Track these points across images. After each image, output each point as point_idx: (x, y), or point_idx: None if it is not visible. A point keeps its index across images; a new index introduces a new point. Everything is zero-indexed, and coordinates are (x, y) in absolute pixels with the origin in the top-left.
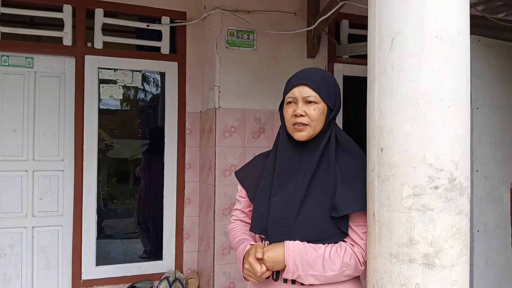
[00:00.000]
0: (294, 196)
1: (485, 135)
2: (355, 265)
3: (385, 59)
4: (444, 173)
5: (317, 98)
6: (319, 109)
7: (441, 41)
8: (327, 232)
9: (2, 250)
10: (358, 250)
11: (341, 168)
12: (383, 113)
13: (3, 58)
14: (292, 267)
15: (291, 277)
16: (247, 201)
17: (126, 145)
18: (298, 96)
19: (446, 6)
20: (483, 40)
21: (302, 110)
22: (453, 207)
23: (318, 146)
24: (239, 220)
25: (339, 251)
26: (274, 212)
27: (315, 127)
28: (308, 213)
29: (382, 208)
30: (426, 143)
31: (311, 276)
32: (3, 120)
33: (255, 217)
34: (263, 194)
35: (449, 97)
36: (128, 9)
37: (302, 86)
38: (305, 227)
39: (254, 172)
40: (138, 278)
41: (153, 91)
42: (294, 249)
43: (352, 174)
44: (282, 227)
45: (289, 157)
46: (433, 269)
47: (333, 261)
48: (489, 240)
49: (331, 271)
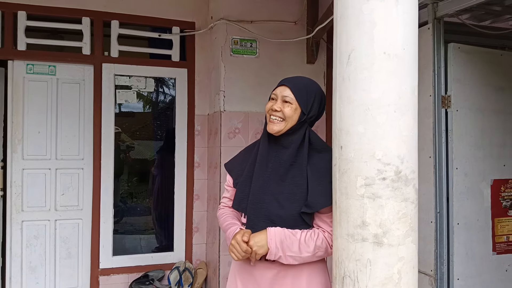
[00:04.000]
0: (270, 186)
1: (466, 135)
2: (325, 248)
3: (344, 71)
4: (390, 166)
5: (293, 100)
6: (292, 109)
7: (389, 56)
8: (294, 223)
9: (28, 240)
10: (328, 236)
11: (313, 167)
12: (342, 117)
13: (28, 67)
14: (274, 250)
15: (273, 258)
16: (234, 190)
17: (146, 146)
18: (279, 95)
19: (393, 27)
20: (463, 48)
21: (278, 106)
22: (398, 195)
23: (291, 143)
24: (227, 206)
25: (313, 236)
26: (253, 195)
27: (287, 124)
28: (280, 205)
29: (342, 196)
30: (376, 141)
31: (290, 257)
32: (29, 123)
33: (238, 197)
34: (246, 178)
35: (395, 103)
36: (142, 20)
37: (284, 87)
38: (276, 217)
39: (239, 163)
40: (151, 267)
41: (167, 96)
42: (275, 234)
43: (322, 173)
44: (257, 210)
45: (265, 146)
46: (381, 247)
47: (307, 244)
48: (469, 233)
49: (306, 252)
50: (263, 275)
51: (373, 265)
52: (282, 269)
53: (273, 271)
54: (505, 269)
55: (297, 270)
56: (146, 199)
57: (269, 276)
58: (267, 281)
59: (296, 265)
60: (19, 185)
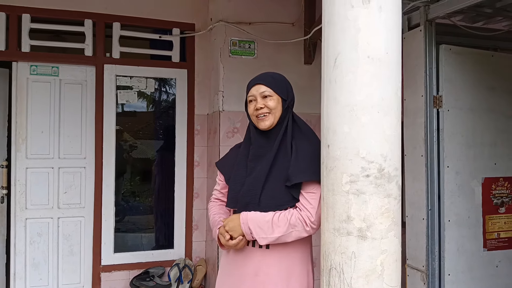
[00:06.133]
0: (260, 172)
1: (456, 134)
2: (301, 226)
3: (330, 74)
4: (374, 164)
5: (271, 92)
6: (274, 100)
7: (372, 60)
8: (284, 199)
9: (31, 238)
10: (305, 214)
11: (297, 147)
12: (329, 117)
13: (32, 68)
14: (247, 231)
15: (249, 239)
16: (224, 184)
17: (148, 145)
18: (256, 94)
19: (376, 32)
20: (454, 49)
21: (261, 104)
22: (381, 191)
23: (279, 131)
24: (217, 198)
25: (287, 215)
26: (246, 186)
27: (275, 114)
28: (270, 186)
29: (328, 193)
30: (360, 141)
31: (263, 238)
32: (32, 123)
33: (230, 195)
34: (237, 176)
35: (378, 104)
36: (143, 22)
37: (258, 85)
38: (267, 197)
39: (229, 161)
40: (152, 264)
41: (168, 96)
42: (247, 218)
43: (305, 152)
44: (249, 197)
45: (259, 145)
46: (365, 240)
47: (280, 223)
48: (460, 229)
49: (278, 232)
50: (245, 264)
51: (357, 258)
52: (262, 257)
53: (256, 259)
54: (495, 265)
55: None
56: (148, 198)
57: (252, 264)
58: (249, 270)
59: (278, 253)
60: (22, 184)
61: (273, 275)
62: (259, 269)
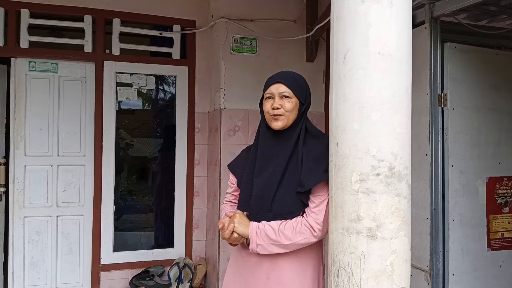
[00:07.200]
0: (273, 178)
1: (461, 133)
2: (309, 233)
3: (340, 71)
4: (384, 163)
5: (291, 93)
6: (292, 103)
7: (383, 56)
8: (295, 206)
9: (30, 236)
10: (311, 219)
11: (308, 150)
12: (338, 114)
13: (31, 64)
14: (255, 239)
15: (255, 247)
16: (236, 187)
17: (145, 143)
18: (275, 92)
19: (387, 27)
20: (459, 47)
21: (278, 104)
22: (392, 190)
23: (292, 136)
24: (229, 201)
25: (293, 224)
26: (257, 191)
27: (289, 117)
28: (283, 192)
29: (337, 192)
30: (370, 138)
31: (273, 245)
32: (31, 120)
33: (242, 198)
34: (247, 178)
35: (389, 101)
36: (143, 18)
37: (278, 84)
38: (279, 203)
39: (241, 163)
40: (151, 263)
41: (168, 93)
42: (257, 226)
43: (316, 154)
44: (261, 203)
45: (268, 145)
46: (375, 240)
47: (286, 231)
48: (464, 229)
49: (286, 240)
50: (257, 268)
51: (367, 258)
52: (274, 261)
53: (267, 263)
54: (499, 265)
55: (291, 262)
56: (145, 196)
57: (263, 268)
58: (261, 273)
59: (289, 257)
60: (21, 182)
61: (285, 279)
62: (270, 273)
